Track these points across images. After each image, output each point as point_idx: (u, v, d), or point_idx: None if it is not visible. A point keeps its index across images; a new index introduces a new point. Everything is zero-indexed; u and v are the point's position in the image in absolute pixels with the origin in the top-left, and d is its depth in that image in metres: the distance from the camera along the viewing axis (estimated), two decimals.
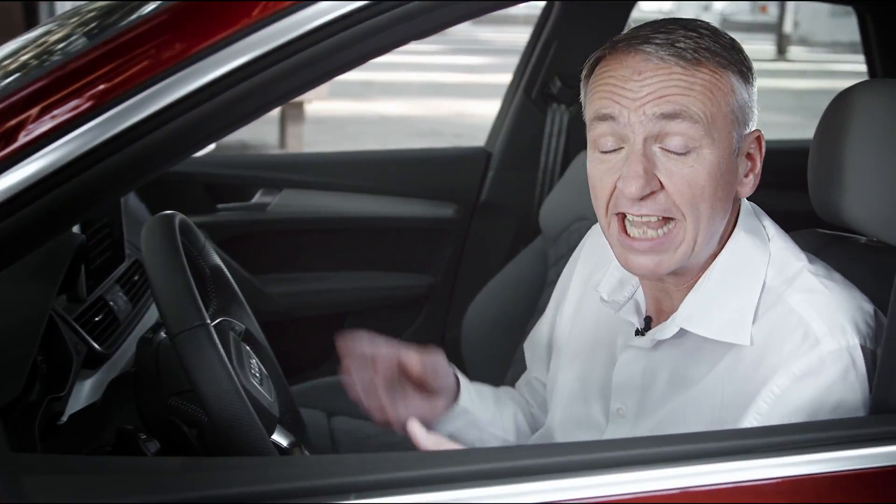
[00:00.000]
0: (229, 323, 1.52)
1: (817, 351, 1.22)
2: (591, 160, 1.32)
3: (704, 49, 1.25)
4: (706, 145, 1.24)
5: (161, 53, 1.01)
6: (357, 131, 9.93)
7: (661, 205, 1.25)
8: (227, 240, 2.69)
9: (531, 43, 2.86)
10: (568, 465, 1.03)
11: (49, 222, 1.02)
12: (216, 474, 0.95)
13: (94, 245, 1.76)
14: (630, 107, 1.24)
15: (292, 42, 1.02)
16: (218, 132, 1.08)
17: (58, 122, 0.99)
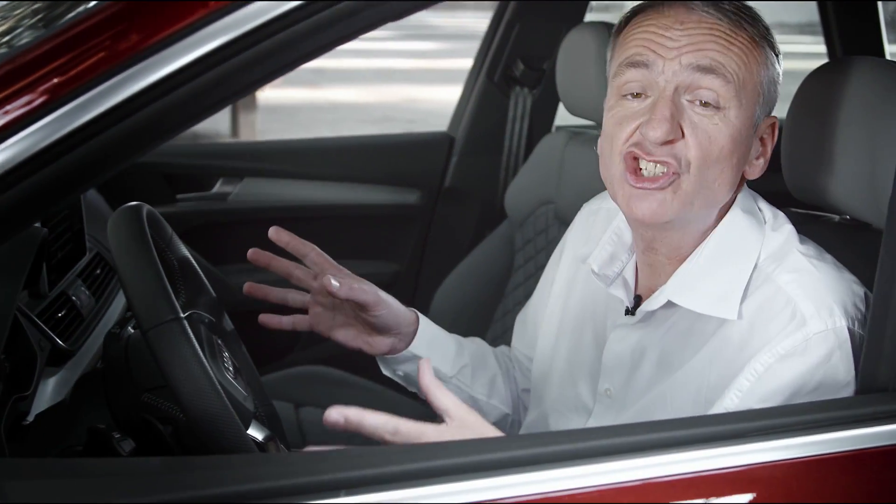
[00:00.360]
0: (199, 316, 1.48)
1: (803, 331, 1.21)
2: (610, 108, 1.31)
3: (747, 16, 1.26)
4: (734, 107, 1.25)
5: (117, 45, 0.98)
6: (309, 119, 9.86)
7: (676, 153, 1.24)
8: (188, 230, 2.63)
9: (492, 26, 2.84)
10: (549, 456, 1.01)
11: (6, 222, 0.98)
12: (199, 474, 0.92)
13: (55, 239, 1.70)
14: (667, 55, 1.24)
15: (256, 30, 0.99)
16: (180, 125, 1.05)
17: (10, 119, 0.95)
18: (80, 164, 0.98)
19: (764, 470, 1.05)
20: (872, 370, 1.14)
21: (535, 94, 2.79)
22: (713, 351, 1.29)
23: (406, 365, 1.54)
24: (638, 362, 1.38)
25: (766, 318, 1.25)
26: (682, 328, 1.33)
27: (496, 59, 2.80)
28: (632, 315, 1.39)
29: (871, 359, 1.15)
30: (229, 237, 2.71)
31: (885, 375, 1.12)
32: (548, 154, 2.51)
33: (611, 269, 1.42)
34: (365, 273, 2.82)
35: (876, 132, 1.32)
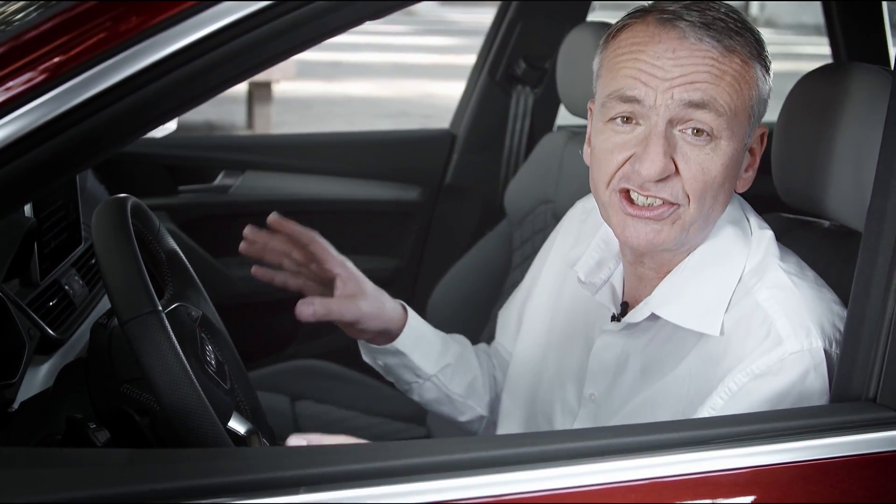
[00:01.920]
0: (185, 308, 1.48)
1: (778, 351, 1.20)
2: (599, 131, 1.28)
3: (738, 35, 1.23)
4: (725, 137, 1.23)
5: (117, 26, 0.98)
6: (324, 112, 9.86)
7: (671, 189, 1.23)
8: (189, 222, 2.65)
9: (495, 24, 2.84)
10: (525, 457, 1.01)
11: (5, 196, 0.99)
12: (163, 467, 0.92)
13: (49, 228, 1.72)
14: (658, 88, 1.21)
15: (256, 14, 1.00)
16: (178, 108, 1.05)
17: (12, 94, 0.96)
18: (76, 142, 0.98)
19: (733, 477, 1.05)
20: (846, 379, 1.14)
21: (536, 93, 2.79)
22: (692, 364, 1.29)
23: (388, 357, 1.55)
24: (622, 369, 1.38)
25: (742, 334, 1.24)
26: (664, 338, 1.33)
27: (498, 58, 2.80)
28: (617, 322, 1.39)
29: (845, 368, 1.15)
30: (230, 229, 2.71)
31: (858, 385, 1.12)
32: (548, 153, 2.51)
33: (598, 276, 1.42)
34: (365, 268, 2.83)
35: (863, 139, 1.31)
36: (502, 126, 2.82)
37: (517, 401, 1.56)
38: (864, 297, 1.15)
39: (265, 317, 2.77)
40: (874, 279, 1.14)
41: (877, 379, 1.10)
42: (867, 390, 1.11)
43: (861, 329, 1.14)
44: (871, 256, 1.16)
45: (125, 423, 1.28)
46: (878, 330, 1.12)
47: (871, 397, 1.10)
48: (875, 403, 1.10)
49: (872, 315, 1.13)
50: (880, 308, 1.12)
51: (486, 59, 2.85)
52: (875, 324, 1.12)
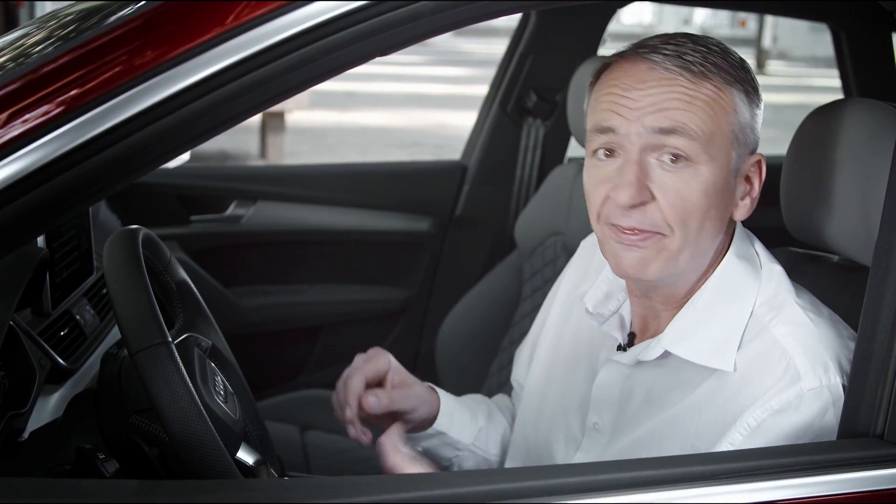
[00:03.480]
0: (195, 339, 1.49)
1: (797, 387, 1.20)
2: (587, 167, 1.31)
3: (712, 64, 1.24)
4: (703, 162, 1.23)
5: (133, 60, 1.00)
6: (338, 141, 9.91)
7: (649, 218, 1.24)
8: (201, 251, 2.67)
9: (507, 57, 2.86)
10: (530, 491, 1.01)
11: (16, 230, 1.00)
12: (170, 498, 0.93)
13: (61, 258, 1.73)
14: (630, 117, 1.23)
15: (266, 51, 1.01)
16: (191, 141, 1.06)
17: (29, 127, 0.97)
18: (92, 174, 1.00)
19: None
20: (853, 415, 1.14)
21: (547, 125, 2.81)
22: (703, 398, 1.29)
23: (430, 440, 1.58)
24: (626, 399, 1.38)
25: (760, 370, 1.24)
26: (671, 370, 1.33)
27: (509, 90, 2.82)
28: (623, 352, 1.39)
29: (852, 404, 1.14)
30: (241, 259, 2.75)
31: (865, 421, 1.12)
32: (558, 185, 2.52)
33: (606, 307, 1.42)
34: (375, 299, 2.88)
35: (870, 174, 1.31)
36: (513, 158, 2.84)
37: (523, 430, 1.57)
38: (872, 333, 1.15)
39: (275, 347, 2.78)
40: (882, 315, 1.14)
41: (884, 415, 1.10)
42: (875, 427, 1.11)
43: (868, 365, 1.14)
44: (879, 292, 1.16)
45: (134, 454, 1.28)
46: (886, 366, 1.12)
47: (879, 434, 1.10)
48: (882, 440, 1.09)
49: (880, 351, 1.13)
50: (888, 344, 1.12)
51: (497, 90, 2.87)
52: (882, 360, 1.12)
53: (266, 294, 2.76)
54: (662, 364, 1.33)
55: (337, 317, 2.83)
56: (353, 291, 2.84)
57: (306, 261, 2.80)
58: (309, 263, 2.80)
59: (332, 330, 2.82)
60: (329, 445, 2.40)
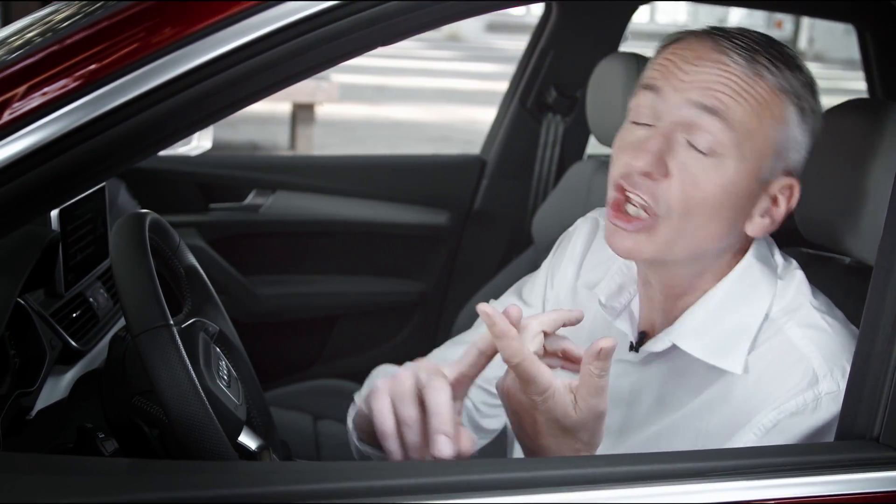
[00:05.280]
0: (202, 324, 1.51)
1: (814, 390, 1.19)
2: (620, 130, 1.29)
3: (777, 69, 1.21)
4: (732, 157, 1.19)
5: (150, 37, 1.00)
6: (367, 135, 9.95)
7: (658, 192, 1.20)
8: (219, 239, 2.69)
9: (527, 52, 2.86)
10: (541, 481, 1.02)
11: (32, 200, 1.01)
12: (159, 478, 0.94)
13: (76, 241, 1.75)
14: (677, 87, 1.21)
15: (284, 29, 1.01)
16: (204, 119, 1.06)
17: (47, 99, 0.98)
18: (105, 148, 1.01)
19: None
20: (851, 417, 1.13)
21: (567, 121, 2.80)
22: (714, 398, 1.27)
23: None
24: (635, 399, 1.37)
25: (776, 372, 1.22)
26: (680, 371, 1.31)
27: (529, 85, 2.82)
28: (635, 352, 1.37)
29: (850, 406, 1.13)
30: (259, 248, 2.77)
31: (863, 424, 1.11)
32: (576, 182, 2.51)
33: (618, 300, 1.41)
34: (391, 291, 2.89)
35: (884, 175, 1.30)
36: (532, 153, 2.84)
37: None
38: (872, 335, 1.14)
39: (290, 336, 2.80)
40: (882, 317, 1.13)
41: (881, 418, 1.09)
42: (871, 429, 1.10)
43: (867, 367, 1.13)
44: (881, 294, 1.15)
45: (135, 435, 1.30)
46: (885, 369, 1.11)
47: (875, 437, 1.09)
48: (878, 443, 1.08)
49: (879, 353, 1.12)
50: (887, 346, 1.11)
51: (517, 86, 2.87)
52: (881, 362, 1.11)
53: (283, 283, 2.78)
54: (671, 364, 1.32)
55: (352, 308, 2.84)
56: (369, 283, 2.86)
57: (324, 251, 2.81)
58: (326, 254, 2.82)
59: (347, 321, 2.83)
60: (341, 435, 2.41)
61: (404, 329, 2.89)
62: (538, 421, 1.10)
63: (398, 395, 1.12)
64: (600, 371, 1.08)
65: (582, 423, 1.10)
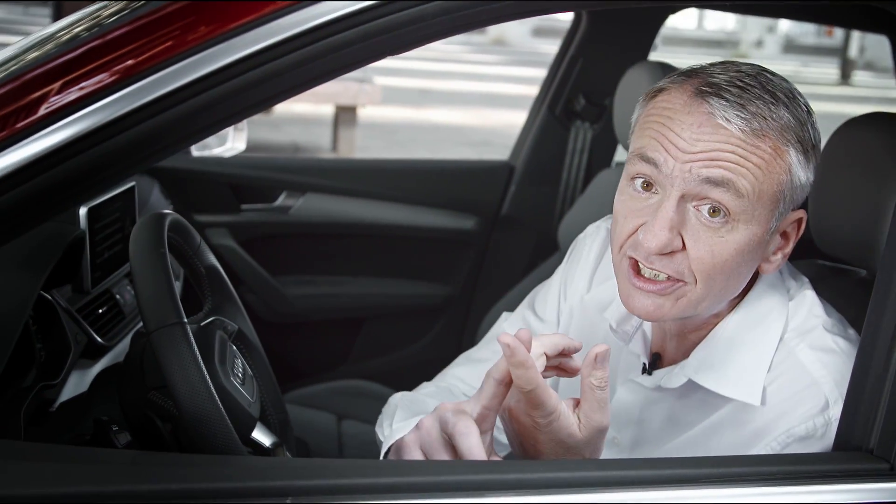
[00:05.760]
0: (221, 322, 1.54)
1: (825, 415, 1.20)
2: (621, 192, 1.26)
3: (774, 120, 1.17)
4: (742, 221, 1.18)
5: (185, 35, 1.03)
6: (409, 138, 9.99)
7: (676, 266, 1.20)
8: (250, 240, 2.73)
9: (557, 59, 2.87)
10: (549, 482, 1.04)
11: (66, 191, 1.05)
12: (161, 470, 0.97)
13: (103, 239, 1.81)
14: (678, 158, 1.17)
15: (317, 28, 1.04)
16: (233, 116, 1.09)
17: (83, 94, 1.02)
18: (135, 143, 1.04)
19: None
20: (849, 429, 1.14)
21: (595, 128, 2.81)
22: (725, 419, 1.28)
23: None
24: (647, 420, 1.37)
25: (786, 396, 1.22)
26: (694, 393, 1.31)
27: (558, 93, 2.83)
28: (648, 375, 1.37)
29: (848, 418, 1.14)
30: (289, 249, 2.81)
31: (859, 436, 1.12)
32: (603, 189, 2.52)
33: (629, 324, 1.40)
34: (418, 294, 2.92)
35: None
36: (560, 160, 2.85)
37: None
38: (871, 350, 1.15)
39: (318, 336, 2.84)
40: (880, 333, 1.14)
41: (876, 431, 1.10)
42: (867, 441, 1.11)
43: (865, 381, 1.13)
44: (879, 310, 1.15)
45: (150, 429, 1.34)
46: (881, 383, 1.11)
47: (870, 449, 1.10)
48: (872, 455, 1.09)
49: (876, 367, 1.13)
50: (884, 362, 1.12)
51: (546, 92, 2.88)
52: (878, 376, 1.12)
53: (311, 284, 2.82)
54: (682, 390, 1.32)
55: (379, 310, 2.87)
56: (396, 286, 2.88)
57: (352, 253, 2.85)
58: (354, 256, 2.85)
59: (374, 323, 2.86)
60: (363, 435, 2.45)
61: (430, 332, 2.92)
62: (540, 441, 1.13)
63: (428, 445, 1.15)
64: (600, 381, 1.10)
65: (585, 441, 1.12)
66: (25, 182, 1.01)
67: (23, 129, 1.01)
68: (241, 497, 0.94)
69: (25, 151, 1.01)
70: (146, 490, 0.93)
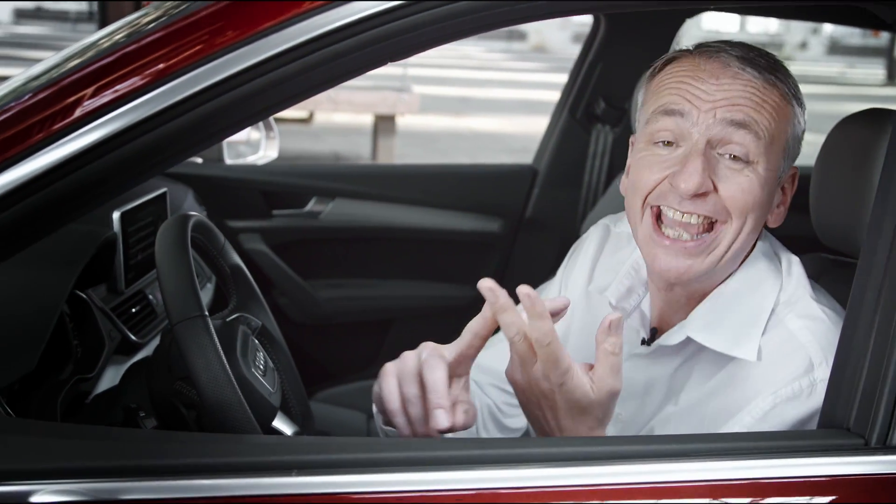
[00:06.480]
0: (245, 318, 1.62)
1: (810, 377, 1.26)
2: (638, 152, 1.35)
3: (777, 73, 1.30)
4: (762, 162, 1.29)
5: (214, 39, 1.10)
6: (449, 146, 10.07)
7: (710, 206, 1.29)
8: (281, 244, 2.82)
9: (577, 64, 2.93)
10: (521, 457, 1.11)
11: (110, 181, 1.12)
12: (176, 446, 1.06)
13: (136, 242, 1.91)
14: (702, 107, 1.28)
15: (337, 31, 1.10)
16: (255, 114, 1.15)
17: (116, 96, 1.09)
18: (162, 142, 1.11)
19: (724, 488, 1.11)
20: (832, 407, 1.19)
21: (616, 131, 2.86)
22: (718, 384, 1.35)
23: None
24: (649, 390, 1.44)
25: (775, 360, 1.30)
26: (692, 361, 1.39)
27: (579, 97, 2.89)
28: (647, 346, 1.45)
29: (832, 396, 1.20)
30: (319, 253, 2.89)
31: (841, 414, 1.17)
32: None
33: (628, 301, 1.48)
34: (445, 295, 2.98)
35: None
36: (582, 163, 2.91)
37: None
38: (853, 332, 1.20)
39: (348, 337, 2.92)
40: (861, 316, 1.19)
41: (854, 409, 1.15)
42: (848, 419, 1.16)
43: (847, 361, 1.19)
44: (861, 293, 1.21)
45: (175, 416, 1.43)
46: (862, 362, 1.16)
47: (848, 426, 1.15)
48: (849, 432, 1.14)
49: (857, 348, 1.18)
50: (864, 342, 1.17)
51: (568, 97, 2.94)
52: (859, 356, 1.17)
53: (341, 287, 2.90)
54: (682, 358, 1.39)
55: (408, 311, 2.94)
56: (424, 288, 2.95)
57: (380, 256, 2.92)
58: (383, 259, 2.93)
59: (403, 323, 2.93)
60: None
61: (458, 332, 2.96)
62: (558, 403, 1.19)
63: (402, 374, 1.25)
64: (613, 347, 1.17)
65: (598, 401, 1.19)
66: (59, 180, 1.08)
67: (58, 130, 1.08)
68: (251, 470, 1.02)
69: (61, 151, 1.08)
70: (165, 464, 1.02)
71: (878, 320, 1.16)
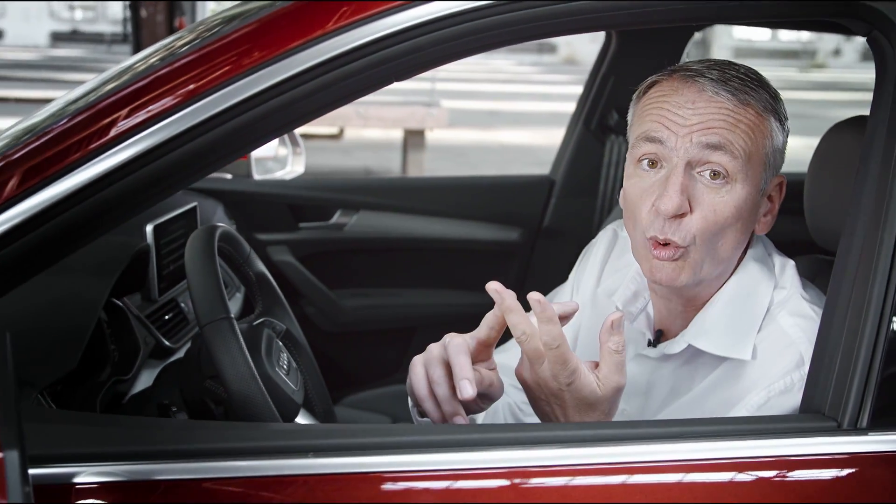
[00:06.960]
0: (270, 322, 1.74)
1: (801, 371, 1.35)
2: (630, 177, 1.44)
3: (753, 91, 1.38)
4: (740, 180, 1.37)
5: (241, 59, 1.20)
6: (478, 159, 10.14)
7: (683, 230, 1.37)
8: (308, 256, 2.93)
9: (591, 77, 3.01)
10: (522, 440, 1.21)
11: (147, 191, 1.21)
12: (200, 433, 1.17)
13: (168, 253, 2.03)
14: (679, 133, 1.36)
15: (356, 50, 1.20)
16: (279, 129, 1.25)
17: (150, 115, 1.18)
18: (193, 156, 1.20)
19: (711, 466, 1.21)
20: (810, 394, 1.28)
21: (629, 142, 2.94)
22: (715, 381, 1.44)
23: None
24: (652, 389, 1.53)
25: (768, 357, 1.39)
26: (693, 361, 1.48)
27: (593, 109, 2.97)
28: (653, 348, 1.54)
29: (811, 385, 1.28)
30: (344, 263, 3.00)
31: (819, 400, 1.26)
32: None
33: (634, 305, 1.57)
34: (466, 303, 3.07)
35: None
36: (597, 173, 2.99)
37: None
38: (830, 323, 1.29)
39: (373, 345, 3.01)
40: (837, 308, 1.28)
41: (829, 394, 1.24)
42: (824, 404, 1.24)
43: (825, 351, 1.27)
44: (837, 287, 1.30)
45: (205, 411, 1.54)
46: (836, 351, 1.25)
47: (824, 411, 1.24)
48: (824, 416, 1.23)
49: (834, 338, 1.26)
50: (839, 332, 1.26)
51: (582, 109, 3.03)
52: (835, 346, 1.26)
53: (366, 296, 3.00)
54: (684, 356, 1.48)
55: (430, 319, 3.03)
56: (446, 296, 3.04)
57: (403, 266, 3.02)
58: (405, 269, 3.02)
59: (425, 331, 3.01)
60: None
61: None
62: (566, 400, 1.30)
63: (429, 360, 1.36)
64: (617, 345, 1.29)
65: (605, 397, 1.30)
66: (96, 195, 1.18)
67: (94, 149, 1.18)
68: (271, 453, 1.13)
69: (96, 168, 1.18)
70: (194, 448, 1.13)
71: (850, 315, 1.25)
